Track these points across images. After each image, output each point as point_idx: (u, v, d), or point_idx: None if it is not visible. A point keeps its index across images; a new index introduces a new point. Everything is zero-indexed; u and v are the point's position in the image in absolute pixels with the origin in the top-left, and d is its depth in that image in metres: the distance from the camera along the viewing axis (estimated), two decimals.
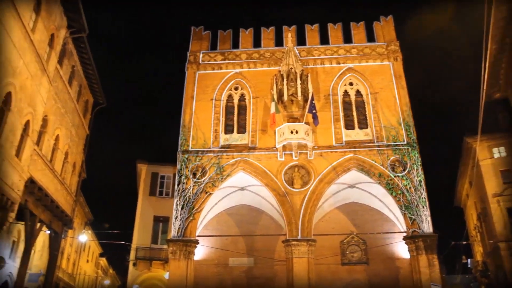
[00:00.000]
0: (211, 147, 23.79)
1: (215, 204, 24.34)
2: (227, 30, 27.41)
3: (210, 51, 26.83)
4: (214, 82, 25.75)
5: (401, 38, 26.09)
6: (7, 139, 16.09)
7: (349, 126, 24.19)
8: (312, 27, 26.96)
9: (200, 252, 23.81)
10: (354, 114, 24.53)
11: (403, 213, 21.72)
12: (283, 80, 24.14)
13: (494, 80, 17.31)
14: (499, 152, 29.54)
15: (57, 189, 22.62)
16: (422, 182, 21.91)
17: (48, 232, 24.23)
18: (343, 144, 23.31)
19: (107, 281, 54.81)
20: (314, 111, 22.93)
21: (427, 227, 21.06)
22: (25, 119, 17.68)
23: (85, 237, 37.77)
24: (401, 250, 23.33)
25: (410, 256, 21.58)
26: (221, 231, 25.07)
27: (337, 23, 26.93)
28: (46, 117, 20.44)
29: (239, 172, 23.18)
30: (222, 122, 24.73)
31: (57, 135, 22.51)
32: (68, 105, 23.44)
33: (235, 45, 26.97)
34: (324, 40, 26.62)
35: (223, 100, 25.36)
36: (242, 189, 24.49)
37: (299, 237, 21.49)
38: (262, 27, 27.22)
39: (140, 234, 29.43)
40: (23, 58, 16.61)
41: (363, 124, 24.17)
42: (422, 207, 21.42)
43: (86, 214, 40.46)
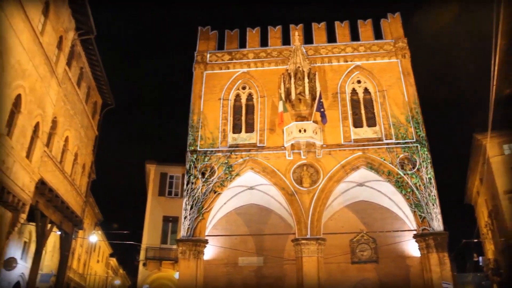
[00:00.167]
0: (220, 147, 23.82)
1: (224, 203, 24.37)
2: (234, 30, 27.43)
3: (217, 51, 26.86)
4: (221, 81, 25.78)
5: (409, 35, 25.88)
6: (17, 141, 16.25)
7: (357, 124, 24.09)
8: (319, 26, 26.86)
9: (210, 252, 23.87)
10: (363, 112, 24.42)
11: (413, 211, 21.59)
12: (290, 79, 24.10)
13: (504, 75, 17.12)
14: (510, 149, 29.15)
15: (67, 190, 22.79)
16: (432, 180, 21.75)
17: (59, 232, 24.41)
18: (352, 142, 23.23)
19: (117, 281, 55.12)
20: (322, 110, 22.86)
21: (438, 225, 20.90)
22: (35, 121, 17.83)
23: (95, 237, 37.93)
24: (411, 248, 23.19)
25: (420, 254, 21.46)
26: (230, 231, 25.10)
27: (344, 21, 26.82)
28: (55, 118, 20.59)
29: (247, 172, 23.19)
30: (230, 122, 24.75)
31: (67, 137, 22.67)
32: (77, 106, 23.60)
33: (242, 44, 26.98)
34: (331, 38, 26.53)
35: (230, 100, 25.38)
36: (251, 188, 24.50)
37: (308, 236, 21.44)
38: (269, 26, 27.20)
39: (150, 234, 29.54)
40: (32, 61, 16.75)
41: (371, 122, 24.05)
42: (432, 204, 21.27)
43: (96, 215, 40.74)
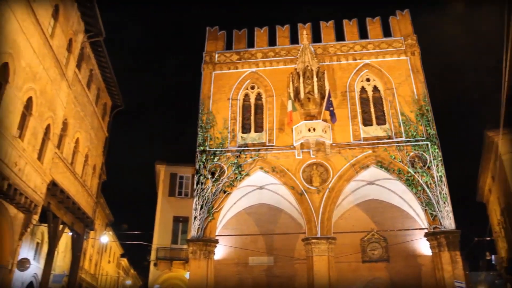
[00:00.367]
0: (229, 147, 23.84)
1: (234, 203, 24.40)
2: (242, 30, 27.40)
3: (225, 51, 26.85)
4: (230, 81, 25.79)
5: (418, 32, 25.67)
6: (29, 143, 16.43)
7: (367, 122, 23.96)
8: (327, 24, 26.74)
9: (220, 252, 23.90)
10: (372, 110, 24.28)
11: (424, 210, 21.41)
12: (299, 78, 24.03)
13: None
14: None
15: (78, 191, 22.97)
16: (443, 178, 21.56)
17: (71, 233, 24.65)
18: (361, 140, 23.11)
19: (128, 281, 55.44)
20: (331, 109, 22.76)
21: (449, 223, 20.71)
22: (46, 123, 18.02)
23: (106, 238, 38.24)
24: (423, 247, 23.00)
25: (432, 253, 21.27)
26: (240, 231, 25.11)
27: (352, 19, 26.64)
28: (66, 120, 20.78)
29: (257, 171, 23.17)
30: (239, 122, 24.76)
31: (77, 138, 22.86)
32: (87, 108, 23.78)
33: (251, 44, 26.94)
34: (340, 36, 26.35)
35: (239, 100, 25.39)
36: (261, 188, 24.49)
37: (318, 235, 21.37)
38: (277, 26, 27.09)
39: (160, 235, 29.69)
40: (42, 64, 16.93)
41: (381, 120, 23.90)
42: (444, 203, 21.08)
43: (107, 216, 41.02)
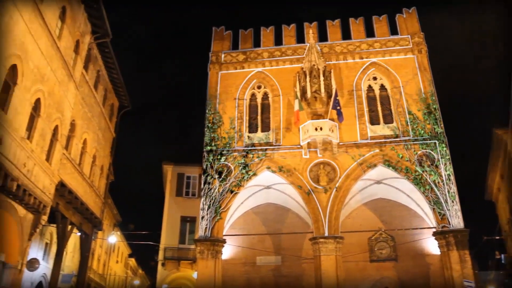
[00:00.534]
0: (236, 147, 23.83)
1: (241, 203, 24.39)
2: (248, 29, 27.37)
3: (231, 50, 26.84)
4: (236, 81, 25.78)
5: (425, 30, 25.51)
6: (37, 144, 16.55)
7: (374, 121, 23.84)
8: (333, 23, 26.64)
9: (228, 251, 23.92)
10: (379, 109, 24.16)
11: (432, 208, 21.28)
12: (306, 77, 23.97)
13: None
14: None
15: (86, 192, 23.10)
16: (451, 176, 21.39)
17: (79, 234, 24.81)
18: (369, 139, 23.00)
19: (136, 281, 55.69)
20: (338, 108, 22.67)
21: (458, 222, 20.55)
22: (54, 124, 18.14)
23: (114, 238, 38.39)
24: (431, 246, 22.83)
25: (440, 252, 21.12)
26: (247, 230, 25.10)
27: (358, 18, 26.50)
28: (73, 121, 20.91)
29: (264, 171, 23.14)
30: (245, 121, 24.75)
31: (85, 139, 22.99)
32: (94, 109, 23.90)
33: (257, 43, 26.91)
34: (346, 35, 26.24)
35: (246, 99, 25.38)
36: (268, 187, 24.46)
37: (326, 234, 21.30)
38: (283, 25, 27.02)
39: (168, 235, 29.77)
40: (50, 65, 17.04)
41: (388, 119, 23.77)
42: (452, 201, 20.92)
43: (114, 216, 41.26)
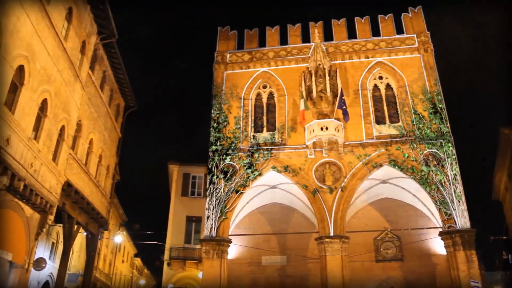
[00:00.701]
0: (241, 146, 23.85)
1: (247, 203, 24.41)
2: (253, 29, 27.37)
3: (237, 50, 26.87)
4: (242, 81, 25.80)
5: (431, 29, 25.39)
6: (44, 144, 16.64)
7: (379, 120, 23.78)
8: (338, 22, 26.59)
9: (233, 251, 23.93)
10: (385, 108, 24.09)
11: (438, 208, 21.19)
12: (311, 77, 23.95)
13: None
14: None
15: (92, 192, 23.19)
16: (457, 176, 21.30)
17: (85, 233, 24.91)
18: (374, 139, 22.94)
19: (142, 281, 55.87)
20: (344, 107, 22.62)
21: (464, 222, 20.44)
22: (61, 125, 18.23)
23: (120, 238, 38.58)
24: (437, 246, 22.72)
25: (446, 252, 21.02)
26: (253, 230, 25.11)
27: (364, 17, 26.45)
28: (80, 122, 21.00)
29: (269, 171, 23.14)
30: (251, 121, 24.76)
31: (91, 139, 23.08)
32: (100, 109, 23.99)
33: (262, 43, 26.91)
34: (352, 34, 26.18)
35: (251, 99, 25.39)
36: (273, 187, 24.46)
37: (331, 234, 21.26)
38: (288, 25, 27.00)
39: (174, 234, 29.83)
40: (57, 66, 17.13)
41: (394, 119, 23.70)
42: (458, 201, 20.82)
43: (120, 216, 41.40)
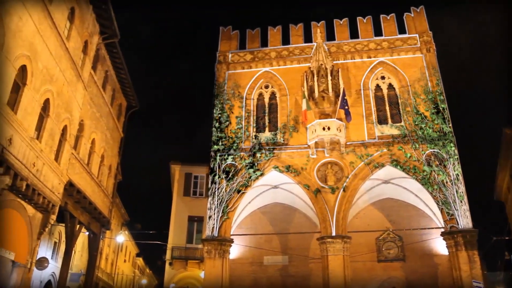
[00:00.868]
0: (243, 146, 23.84)
1: (249, 203, 24.39)
2: (255, 29, 27.34)
3: (239, 50, 26.85)
4: (244, 81, 25.79)
5: (433, 29, 25.33)
6: (46, 144, 16.68)
7: (382, 120, 23.74)
8: (341, 22, 26.54)
9: (235, 251, 23.92)
10: (387, 108, 24.05)
11: (440, 208, 21.15)
12: (313, 77, 23.93)
13: None
14: None
15: (94, 191, 23.24)
16: (459, 176, 21.24)
17: (87, 233, 24.96)
18: (376, 139, 22.91)
19: (144, 281, 55.94)
20: (346, 107, 22.59)
21: (466, 222, 20.40)
22: (63, 124, 18.27)
23: (122, 237, 38.62)
24: (439, 246, 22.67)
25: (448, 252, 20.97)
26: (255, 230, 25.11)
27: (366, 17, 26.39)
28: (82, 121, 21.04)
29: (271, 170, 23.13)
30: (253, 121, 24.74)
31: (93, 139, 23.11)
32: (102, 109, 24.03)
33: (264, 43, 26.88)
34: (354, 34, 26.12)
35: (253, 99, 25.39)
36: (275, 187, 24.44)
37: (333, 234, 21.24)
38: (290, 24, 26.95)
39: (176, 234, 29.89)
40: (59, 65, 17.16)
41: (396, 119, 23.66)
42: (460, 201, 20.78)
43: (122, 215, 41.44)
